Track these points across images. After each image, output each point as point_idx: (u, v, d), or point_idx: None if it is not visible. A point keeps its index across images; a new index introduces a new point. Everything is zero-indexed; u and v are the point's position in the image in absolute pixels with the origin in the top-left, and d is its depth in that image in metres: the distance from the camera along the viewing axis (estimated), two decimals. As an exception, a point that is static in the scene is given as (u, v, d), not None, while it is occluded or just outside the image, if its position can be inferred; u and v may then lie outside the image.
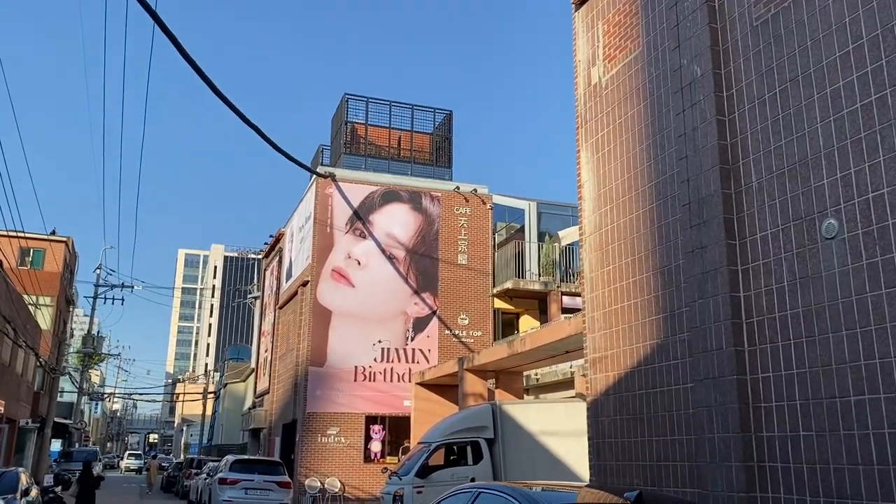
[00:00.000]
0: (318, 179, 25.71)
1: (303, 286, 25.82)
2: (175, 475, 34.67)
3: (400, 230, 26.09)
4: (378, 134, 28.26)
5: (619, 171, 8.48)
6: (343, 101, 28.12)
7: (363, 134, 28.16)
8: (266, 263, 35.31)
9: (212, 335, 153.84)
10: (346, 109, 27.84)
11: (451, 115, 29.02)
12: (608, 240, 8.58)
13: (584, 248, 9.05)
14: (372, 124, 28.13)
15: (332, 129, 29.81)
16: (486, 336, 26.03)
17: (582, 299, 9.05)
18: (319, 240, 25.28)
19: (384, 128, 28.30)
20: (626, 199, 8.32)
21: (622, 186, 8.42)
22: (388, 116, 28.02)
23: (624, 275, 8.24)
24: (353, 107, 27.70)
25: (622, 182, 8.42)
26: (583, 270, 9.05)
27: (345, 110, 27.94)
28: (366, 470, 23.88)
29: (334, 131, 29.30)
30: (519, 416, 16.34)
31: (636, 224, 8.10)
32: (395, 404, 24.70)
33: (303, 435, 23.67)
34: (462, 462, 15.97)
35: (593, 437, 8.71)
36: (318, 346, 24.49)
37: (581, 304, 24.65)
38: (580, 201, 9.26)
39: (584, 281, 8.97)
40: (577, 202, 9.30)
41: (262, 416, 30.00)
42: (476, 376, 19.00)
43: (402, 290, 25.63)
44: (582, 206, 9.22)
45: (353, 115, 27.73)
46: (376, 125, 28.17)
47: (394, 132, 28.48)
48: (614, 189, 8.56)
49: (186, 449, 58.01)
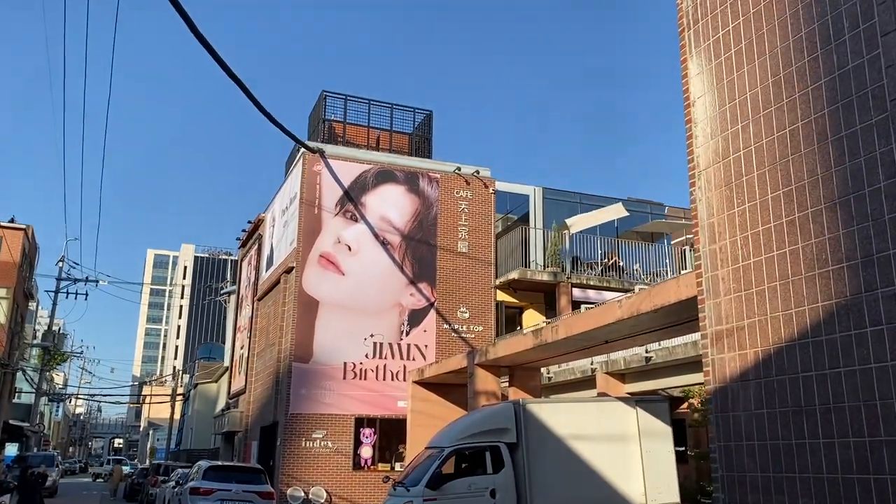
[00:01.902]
0: (304, 156, 23.22)
1: (286, 273, 23.29)
2: (139, 482, 31.77)
3: (395, 214, 23.68)
4: (356, 133, 26.23)
5: (757, 77, 6.21)
6: (321, 98, 25.95)
7: (341, 132, 25.99)
8: (242, 253, 32.64)
9: (180, 338, 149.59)
10: (324, 107, 25.70)
11: (431, 115, 26.95)
12: (740, 170, 6.30)
13: (698, 188, 6.77)
14: (350, 122, 26.09)
15: (308, 127, 27.57)
16: (488, 331, 23.69)
17: (694, 252, 6.76)
18: (306, 222, 22.77)
19: (363, 126, 26.40)
20: (772, 112, 6.04)
21: (762, 96, 6.14)
22: (367, 115, 26.25)
23: (769, 215, 5.97)
24: (330, 104, 25.55)
25: (762, 90, 6.14)
26: (694, 216, 6.77)
27: (322, 108, 25.81)
28: (355, 478, 21.38)
29: (311, 129, 27.05)
30: (546, 417, 14.04)
31: (790, 142, 5.83)
32: (389, 405, 22.23)
33: (285, 439, 21.12)
34: (479, 470, 13.61)
35: (720, 438, 6.37)
36: (304, 339, 21.96)
37: (592, 298, 22.42)
38: (688, 126, 6.98)
39: (698, 230, 6.69)
40: (686, 128, 6.98)
41: (236, 419, 27.33)
42: (489, 372, 16.66)
43: (396, 279, 23.20)
44: (692, 132, 6.93)
45: (331, 113, 25.71)
46: (354, 124, 26.22)
47: (372, 131, 26.55)
48: (749, 101, 6.29)
49: (152, 454, 54.81)
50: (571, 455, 14.02)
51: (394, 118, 26.73)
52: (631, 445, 14.44)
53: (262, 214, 29.10)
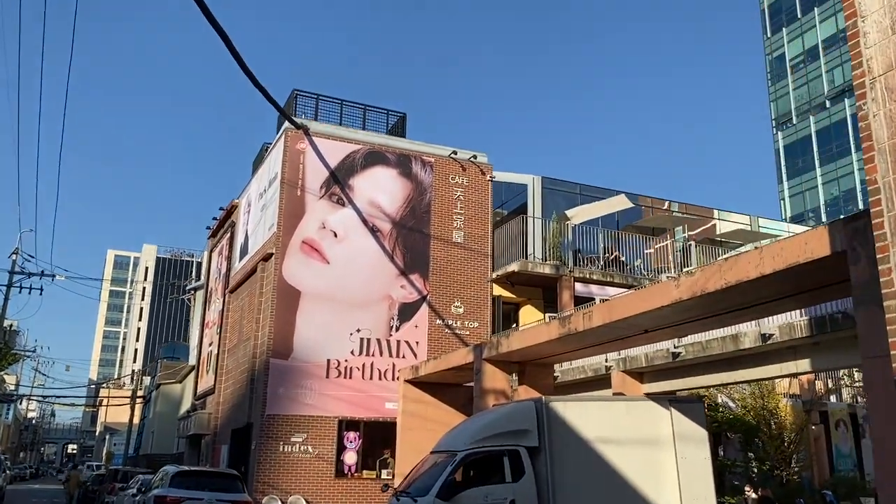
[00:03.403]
0: (287, 133, 21.27)
1: (264, 261, 21.24)
2: (95, 489, 29.23)
3: (385, 199, 21.80)
4: (327, 132, 24.23)
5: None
6: (291, 96, 24.10)
7: (311, 132, 24.02)
8: (213, 243, 30.41)
9: (140, 340, 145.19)
10: (295, 106, 23.79)
11: (404, 117, 25.06)
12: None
13: (871, 100, 5.11)
14: (322, 123, 24.13)
15: (277, 126, 25.63)
16: (484, 328, 21.90)
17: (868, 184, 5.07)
18: (288, 205, 20.78)
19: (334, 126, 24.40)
20: None
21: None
22: (339, 116, 24.36)
23: None
24: (301, 104, 23.68)
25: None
26: (866, 138, 5.09)
27: (293, 107, 23.87)
28: (338, 486, 19.38)
29: (280, 126, 25.11)
30: (572, 418, 12.29)
31: None
32: (376, 406, 20.30)
33: (260, 442, 19.05)
34: (496, 478, 11.78)
35: None
36: (283, 333, 19.94)
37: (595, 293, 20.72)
38: (851, 22, 5.30)
39: (874, 154, 4.99)
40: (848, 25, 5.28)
41: (204, 421, 25.10)
42: (498, 369, 14.85)
43: (386, 269, 21.31)
44: (859, 29, 5.26)
45: (301, 113, 23.77)
46: (326, 123, 24.23)
47: (344, 132, 24.55)
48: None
49: (109, 459, 51.80)
50: (600, 461, 12.29)
51: (367, 119, 25.11)
52: (664, 451, 12.76)
53: (235, 200, 27.01)
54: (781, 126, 65.28)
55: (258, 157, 27.15)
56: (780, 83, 65.72)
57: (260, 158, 26.74)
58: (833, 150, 59.59)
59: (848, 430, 24.48)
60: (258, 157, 27.18)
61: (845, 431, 24.38)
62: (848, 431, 24.47)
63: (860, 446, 24.58)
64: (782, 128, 65.19)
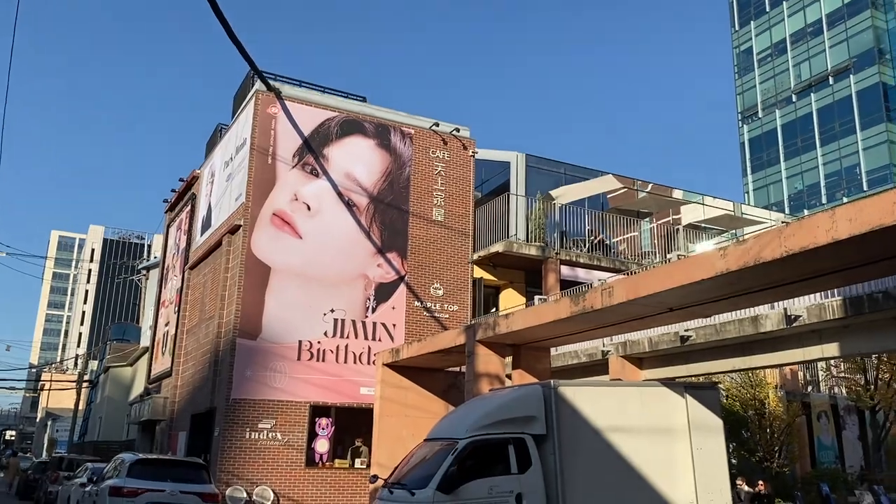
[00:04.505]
0: (257, 96, 19.71)
1: (230, 234, 19.66)
2: (36, 477, 27.20)
3: (362, 171, 20.41)
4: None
5: None
6: (248, 77, 22.48)
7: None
8: (170, 217, 28.55)
9: (85, 324, 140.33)
10: (252, 86, 22.12)
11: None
12: None
13: None
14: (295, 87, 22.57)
15: (233, 108, 24.02)
16: (464, 311, 20.72)
17: None
18: (258, 173, 19.25)
19: None
20: None
21: None
22: None
23: None
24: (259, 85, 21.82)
25: None
26: None
27: (250, 88, 22.26)
28: (309, 476, 18.03)
29: (236, 109, 23.51)
30: (582, 405, 11.21)
31: None
32: (349, 392, 18.97)
33: (224, 429, 17.56)
34: (499, 469, 10.59)
35: None
36: (251, 312, 18.44)
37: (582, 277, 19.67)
38: None
39: None
40: None
41: (159, 405, 23.36)
42: (493, 351, 13.68)
43: (362, 246, 19.95)
44: None
45: None
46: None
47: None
48: None
49: (52, 446, 49.26)
50: (611, 452, 11.23)
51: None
52: (679, 441, 11.78)
53: (196, 171, 25.26)
54: (747, 119, 65.47)
55: (211, 139, 25.71)
56: (746, 76, 65.88)
57: (214, 140, 25.29)
58: (798, 145, 59.93)
59: (829, 422, 24.05)
60: (211, 138, 25.73)
61: (827, 423, 23.95)
62: (829, 423, 24.04)
63: (841, 438, 24.18)
64: (748, 121, 65.38)
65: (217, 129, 25.25)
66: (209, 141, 26.14)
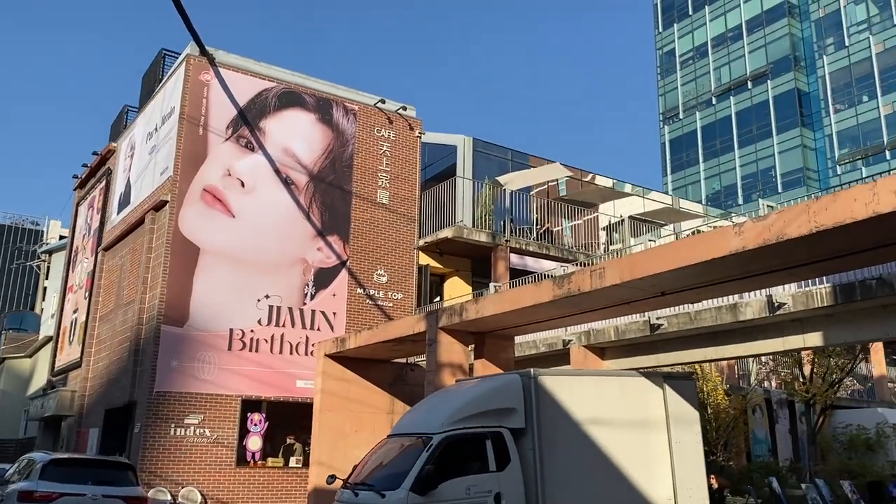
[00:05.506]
0: (188, 61, 18.00)
1: (154, 210, 17.89)
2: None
3: (302, 147, 19.01)
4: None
5: None
6: (159, 56, 20.87)
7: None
8: (80, 195, 26.17)
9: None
10: (162, 68, 20.53)
11: None
12: None
13: None
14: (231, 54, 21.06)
15: (142, 90, 22.31)
16: (409, 300, 19.63)
17: None
18: (187, 145, 17.57)
19: None
20: None
21: None
22: None
23: None
24: (169, 65, 20.27)
25: None
26: None
27: (160, 69, 20.65)
28: (239, 476, 16.54)
29: (145, 92, 21.79)
30: (563, 396, 10.36)
31: None
32: (285, 385, 17.57)
33: (146, 425, 15.86)
34: (475, 466, 9.60)
35: None
36: (177, 297, 16.78)
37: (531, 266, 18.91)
38: None
39: None
40: None
41: (66, 400, 21.20)
42: (457, 339, 12.66)
43: (301, 228, 18.56)
44: None
45: None
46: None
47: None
48: None
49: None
50: (590, 445, 10.42)
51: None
52: (657, 433, 11.09)
53: (112, 144, 23.14)
54: (668, 120, 66.82)
55: (116, 121, 23.80)
56: (668, 78, 67.20)
57: (119, 122, 23.40)
58: (717, 146, 61.52)
59: (763, 416, 24.21)
60: (116, 120, 23.83)
61: (761, 416, 24.10)
62: (763, 417, 24.21)
63: (774, 431, 24.39)
64: (669, 122, 66.73)
65: (123, 111, 23.38)
66: (114, 123, 24.25)
